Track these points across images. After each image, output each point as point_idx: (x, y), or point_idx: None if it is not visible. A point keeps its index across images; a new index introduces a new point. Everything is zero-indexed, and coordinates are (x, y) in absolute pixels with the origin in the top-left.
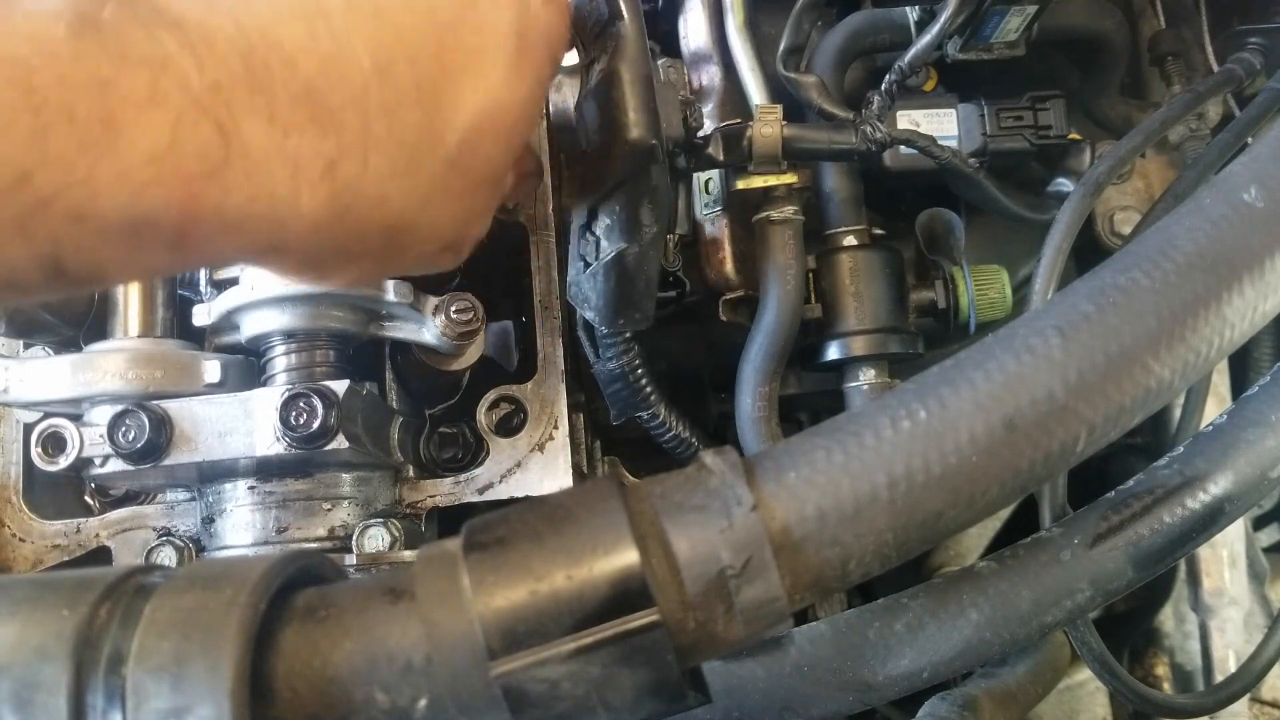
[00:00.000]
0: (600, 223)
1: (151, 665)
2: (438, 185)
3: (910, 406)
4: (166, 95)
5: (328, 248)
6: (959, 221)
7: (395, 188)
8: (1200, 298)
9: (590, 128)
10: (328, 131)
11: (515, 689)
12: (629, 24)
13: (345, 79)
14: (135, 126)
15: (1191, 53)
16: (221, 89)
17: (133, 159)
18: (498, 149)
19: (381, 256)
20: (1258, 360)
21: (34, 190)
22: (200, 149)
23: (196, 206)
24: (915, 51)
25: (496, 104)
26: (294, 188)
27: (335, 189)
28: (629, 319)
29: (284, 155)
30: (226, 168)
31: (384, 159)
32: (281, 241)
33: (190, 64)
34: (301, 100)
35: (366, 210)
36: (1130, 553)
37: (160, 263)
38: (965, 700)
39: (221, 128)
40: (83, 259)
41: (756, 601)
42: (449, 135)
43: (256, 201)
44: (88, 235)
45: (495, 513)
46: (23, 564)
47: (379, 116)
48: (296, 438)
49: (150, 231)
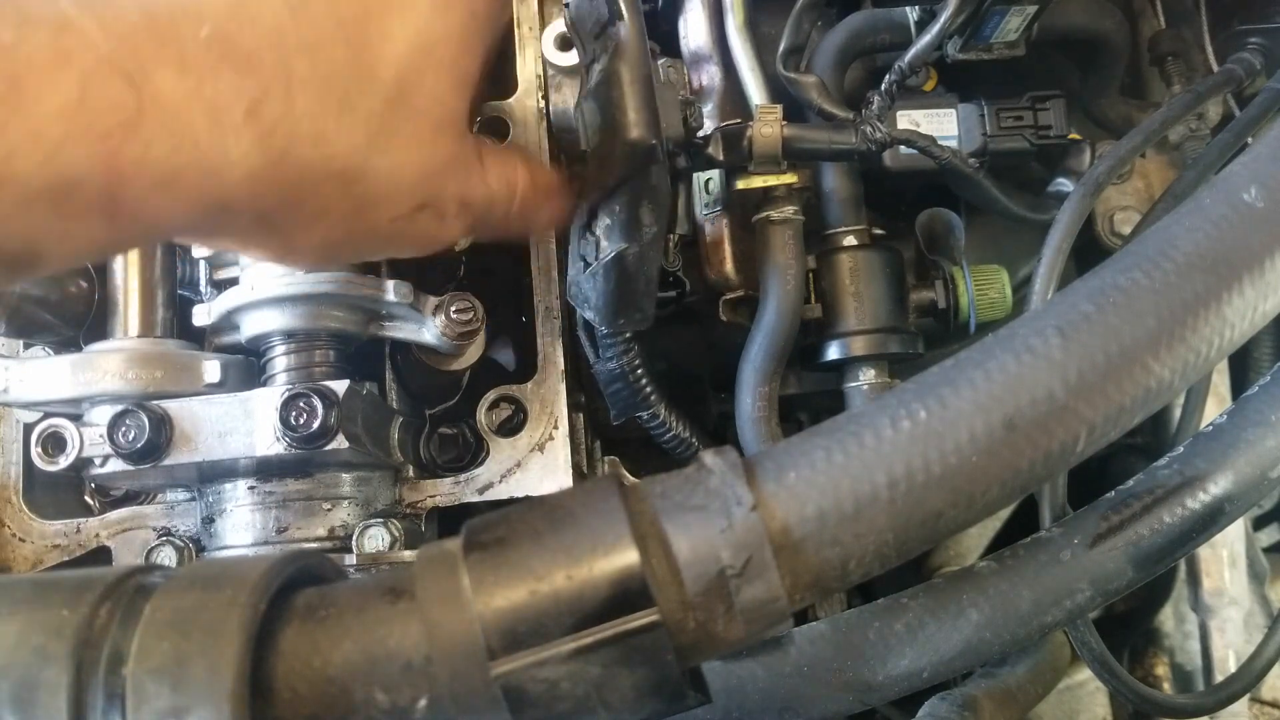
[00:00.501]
0: (600, 223)
1: (151, 665)
2: (382, 124)
3: (910, 406)
4: (70, 53)
5: (276, 200)
6: (959, 221)
7: (332, 126)
8: (1200, 298)
9: (590, 128)
10: (244, 74)
11: (515, 689)
12: (629, 24)
13: (256, 20)
14: (42, 86)
15: (1191, 53)
16: (126, 42)
17: (42, 116)
18: (441, 83)
19: (348, 212)
20: (1258, 360)
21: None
22: (111, 103)
23: (118, 162)
24: (915, 51)
25: (429, 35)
26: (217, 133)
27: (262, 130)
28: (629, 319)
29: (201, 101)
30: (142, 119)
31: (311, 97)
32: (223, 196)
33: (92, 23)
34: (212, 46)
35: (305, 152)
36: (1130, 553)
37: (97, 233)
38: (965, 700)
39: (131, 80)
40: (11, 231)
41: (756, 601)
42: (382, 70)
43: (180, 151)
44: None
45: (495, 513)
46: (23, 564)
47: (299, 54)
48: (296, 438)
49: (76, 194)
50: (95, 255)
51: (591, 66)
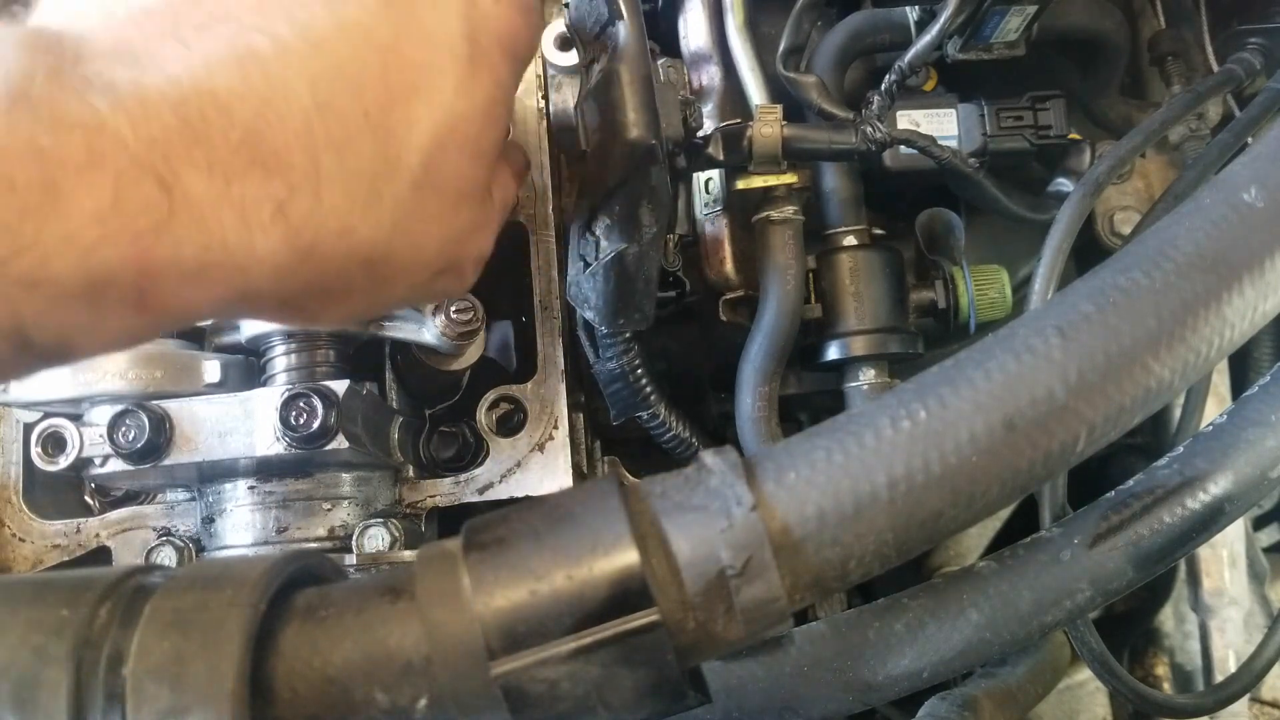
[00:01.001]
0: (600, 223)
1: (151, 665)
2: (408, 209)
3: (910, 406)
4: (104, 156)
5: (300, 288)
6: (959, 221)
7: (359, 219)
8: (1200, 298)
9: (590, 128)
10: (272, 173)
11: (515, 689)
12: (629, 24)
13: (285, 118)
14: (76, 189)
15: (1191, 53)
16: (158, 144)
17: (77, 220)
18: (465, 161)
19: (369, 290)
20: (1258, 360)
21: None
22: (144, 205)
23: (149, 261)
24: (915, 51)
25: (454, 115)
26: (245, 232)
27: (290, 229)
28: (629, 319)
29: (229, 202)
30: (173, 220)
31: (339, 192)
32: (248, 288)
33: (124, 124)
34: (241, 146)
35: (332, 245)
36: (1130, 553)
37: (127, 325)
38: (965, 700)
39: (162, 182)
40: (46, 327)
41: (756, 601)
42: (408, 157)
43: (210, 250)
44: (46, 302)
45: (495, 513)
46: (23, 564)
47: (327, 151)
48: (296, 438)
49: (109, 292)
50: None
51: (591, 66)
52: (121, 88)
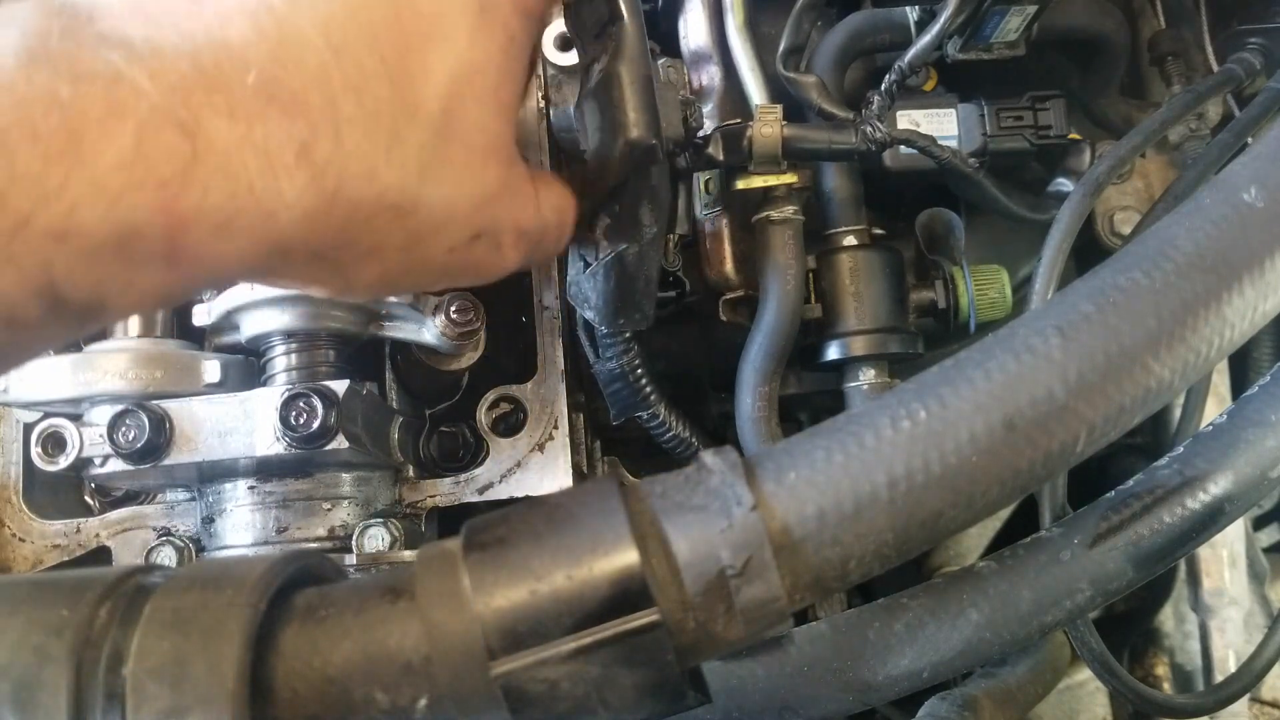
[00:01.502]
0: (600, 223)
1: (151, 665)
2: (431, 155)
3: (910, 406)
4: (124, 105)
5: (332, 238)
6: (959, 221)
7: (383, 162)
8: (1200, 298)
9: (590, 128)
10: (293, 115)
11: (515, 689)
12: (629, 24)
13: (300, 63)
14: (99, 138)
15: (1191, 53)
16: (177, 92)
17: (102, 168)
18: (486, 112)
19: (403, 245)
20: (1258, 360)
21: (10, 211)
22: (167, 151)
23: (177, 208)
24: (915, 51)
25: (469, 65)
26: (271, 176)
27: (314, 170)
28: (629, 319)
29: (252, 145)
30: (197, 165)
31: (360, 134)
32: (280, 238)
33: (142, 74)
34: (259, 89)
35: (357, 188)
36: (1130, 553)
37: (160, 279)
38: (965, 700)
39: (184, 127)
40: (77, 282)
41: (756, 601)
42: (426, 102)
43: (237, 196)
44: (75, 254)
45: (495, 513)
46: (23, 564)
47: (345, 93)
48: (296, 438)
49: (138, 243)
50: (157, 303)
51: (591, 66)
52: (137, 43)
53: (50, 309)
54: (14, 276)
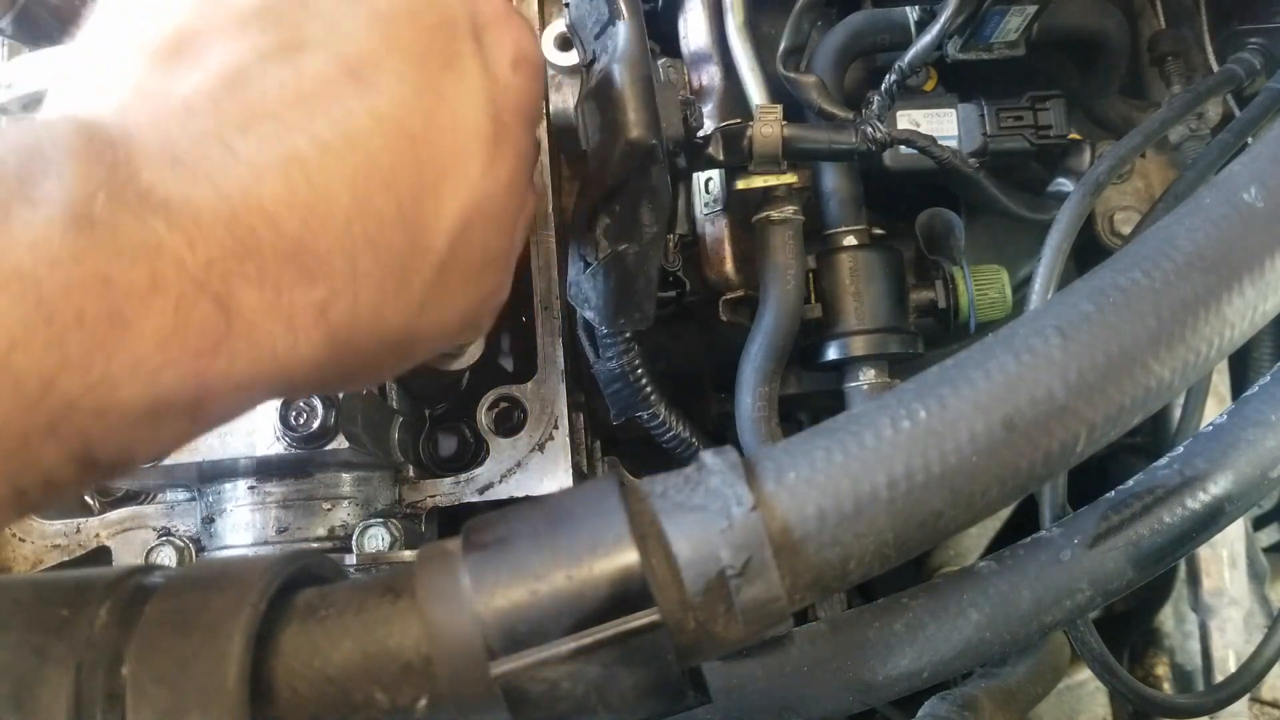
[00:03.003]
0: (600, 222)
1: (151, 665)
2: (433, 290)
3: (910, 406)
4: (164, 281)
5: (334, 377)
6: (959, 221)
7: (390, 309)
8: (1200, 298)
9: (590, 128)
10: (316, 280)
11: (515, 689)
12: (629, 24)
13: (328, 223)
14: (141, 317)
15: (1191, 53)
16: (214, 264)
17: (142, 348)
18: (490, 235)
19: (393, 366)
20: (1258, 360)
21: (59, 395)
22: (202, 325)
23: (206, 379)
24: (915, 51)
25: (480, 195)
26: (291, 340)
27: (330, 329)
28: (629, 319)
29: (278, 313)
30: (229, 337)
31: (374, 288)
32: (289, 386)
33: (182, 244)
34: (289, 257)
35: (365, 338)
36: (1130, 553)
37: (181, 434)
38: (965, 700)
39: (219, 301)
40: (111, 448)
41: (756, 601)
42: (435, 242)
43: (259, 361)
44: (113, 426)
45: (495, 513)
46: (23, 564)
47: (364, 250)
48: (296, 437)
49: (169, 411)
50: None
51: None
52: (176, 206)
53: (84, 470)
54: (56, 449)
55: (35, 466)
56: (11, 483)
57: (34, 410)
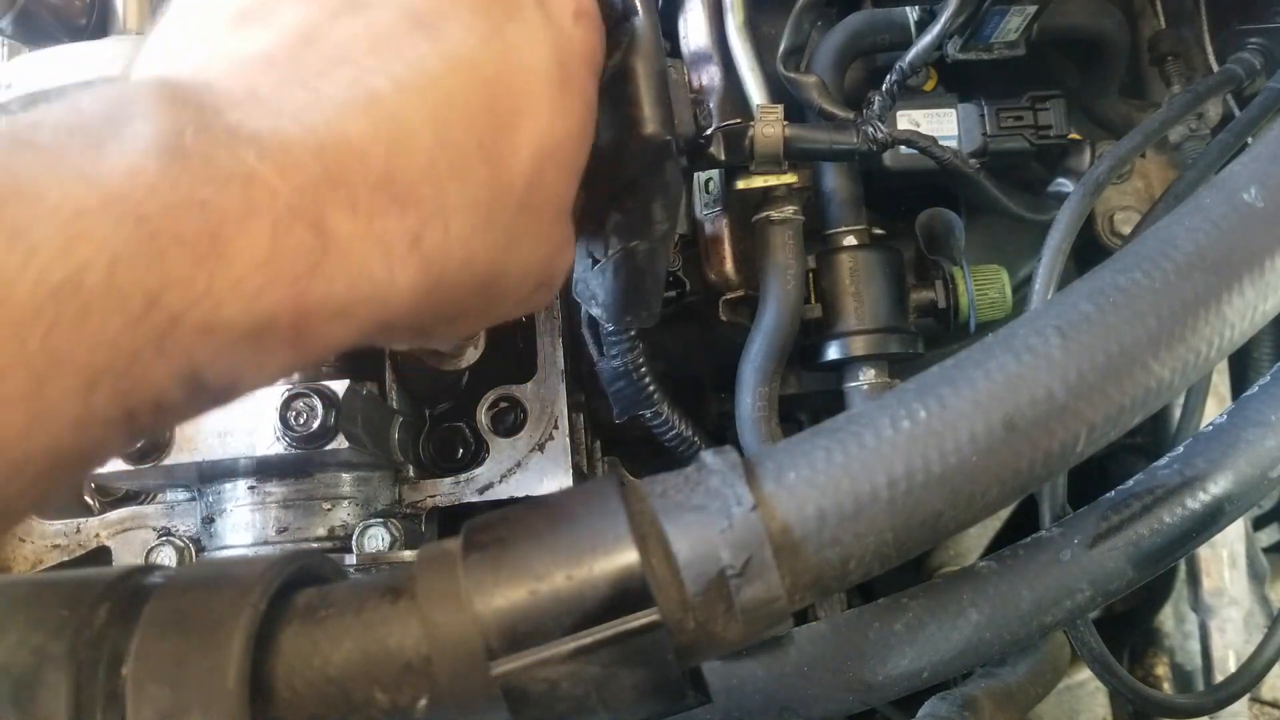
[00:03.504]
0: (611, 218)
1: (151, 665)
2: (515, 230)
3: (910, 406)
4: (259, 205)
5: (429, 315)
6: (959, 221)
7: (479, 244)
8: (1200, 298)
9: (603, 123)
10: (407, 208)
11: (515, 689)
12: (643, 19)
13: (413, 156)
14: (238, 238)
15: (1191, 53)
16: (305, 191)
17: (242, 268)
18: (562, 180)
19: (482, 310)
20: (1258, 360)
21: (164, 311)
22: (299, 249)
23: (305, 301)
24: (915, 51)
25: (552, 139)
26: (387, 266)
27: (424, 260)
28: (636, 316)
29: (372, 239)
30: (325, 261)
31: (462, 221)
32: (387, 318)
33: (274, 173)
34: (378, 186)
35: (457, 273)
36: (1130, 553)
37: (285, 360)
38: (965, 700)
39: (314, 226)
40: (218, 369)
41: (756, 601)
42: (516, 181)
43: (357, 287)
44: (218, 346)
45: (495, 513)
46: (23, 564)
47: (450, 182)
48: (296, 438)
49: (271, 333)
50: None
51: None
52: (265, 138)
53: (192, 393)
54: (165, 368)
55: (146, 385)
56: (123, 403)
57: (140, 325)
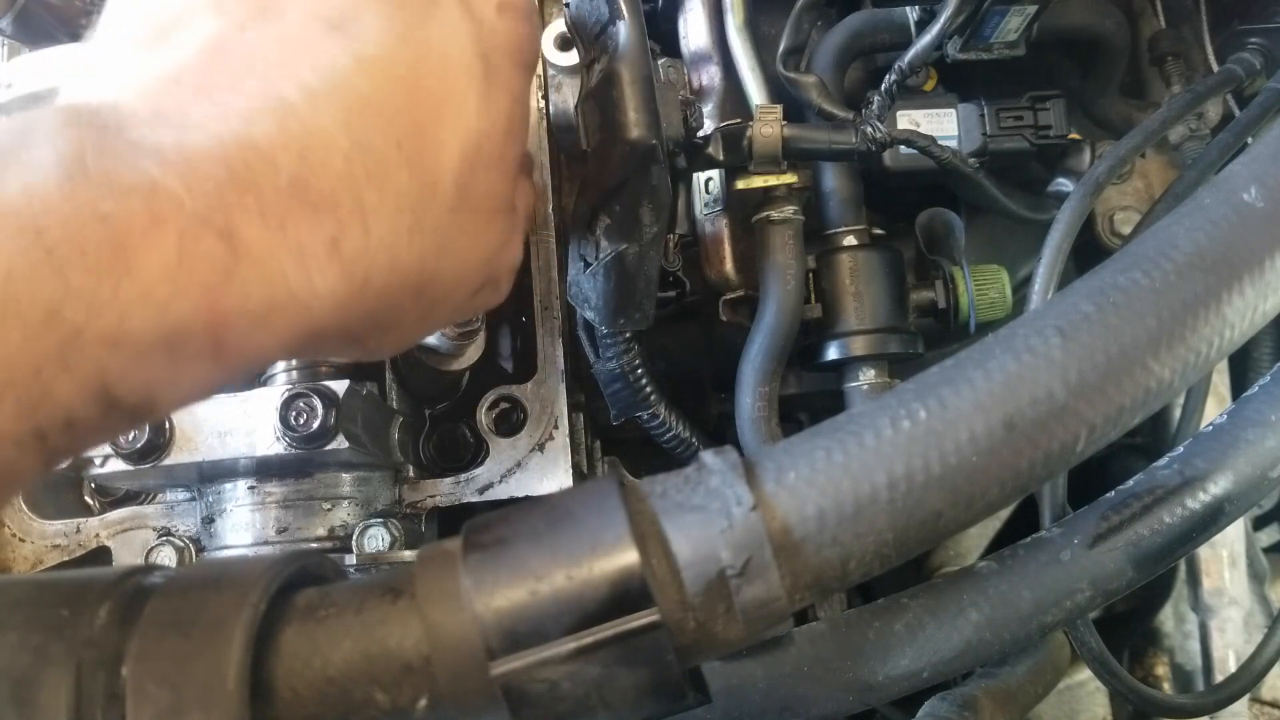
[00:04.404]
0: (600, 222)
1: (151, 665)
2: (448, 232)
3: (910, 406)
4: (163, 215)
5: (360, 321)
6: (959, 221)
7: (404, 246)
8: (1200, 298)
9: (590, 128)
10: (322, 213)
11: (515, 689)
12: (629, 24)
13: (325, 159)
14: (143, 249)
15: (1191, 53)
16: (212, 199)
17: (149, 278)
18: (494, 177)
19: (420, 315)
20: (1258, 360)
21: (66, 323)
22: (208, 258)
23: (220, 311)
24: (915, 51)
25: (478, 134)
26: (305, 273)
27: (344, 264)
28: (629, 319)
29: (286, 246)
30: (238, 269)
31: (385, 224)
32: (313, 326)
33: (178, 183)
34: (289, 191)
35: (384, 276)
36: (1130, 553)
37: (204, 376)
38: (965, 700)
39: (222, 234)
40: (131, 384)
41: (756, 601)
42: (442, 181)
43: (274, 295)
44: (128, 359)
45: (495, 513)
46: (23, 564)
47: (368, 185)
48: (296, 438)
49: (185, 344)
50: (203, 395)
51: (591, 66)
52: (168, 150)
53: (105, 410)
54: (71, 383)
55: (53, 402)
56: (30, 420)
57: (41, 338)
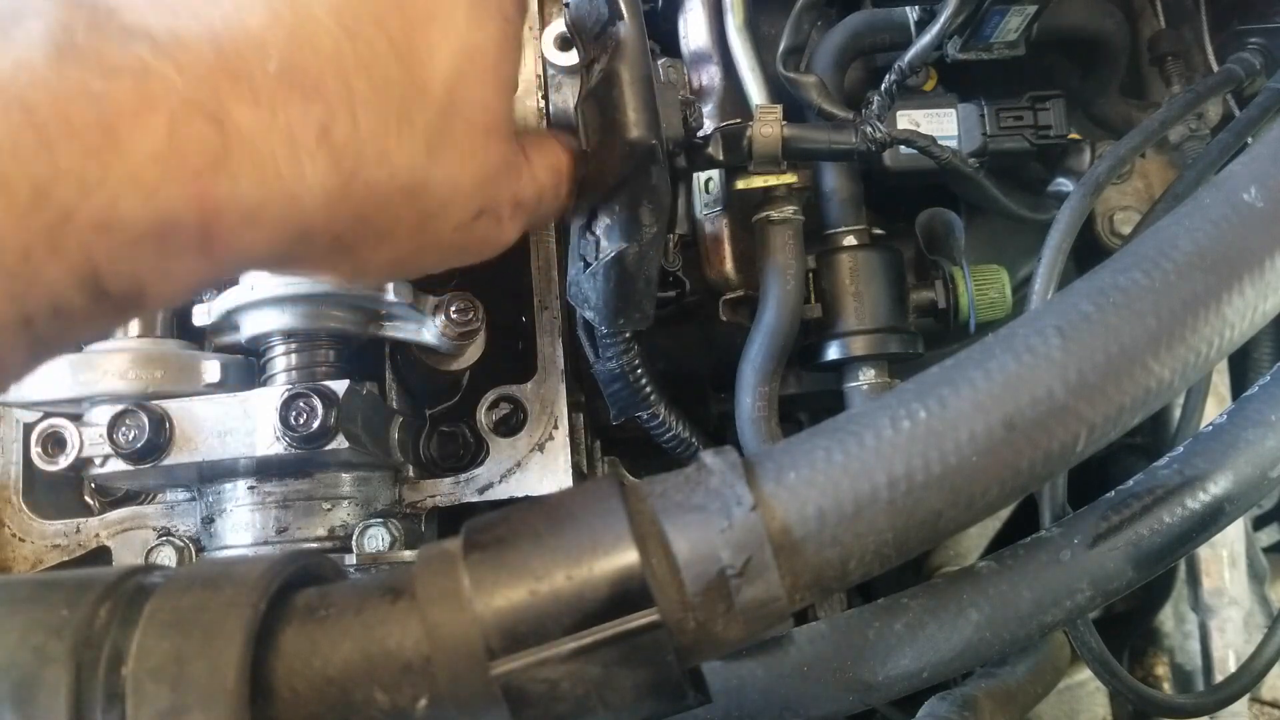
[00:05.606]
0: (600, 223)
1: (151, 665)
2: (438, 136)
3: (910, 406)
4: (154, 98)
5: (349, 221)
6: (959, 221)
7: (394, 143)
8: (1200, 298)
9: (590, 128)
10: (312, 99)
11: (515, 689)
12: (629, 24)
13: (316, 47)
14: (133, 130)
15: (1191, 53)
16: (203, 83)
17: (138, 160)
18: (486, 90)
19: (413, 226)
20: (1258, 360)
21: (54, 203)
22: (199, 142)
23: (210, 198)
24: (915, 51)
25: (470, 45)
26: (295, 160)
27: (334, 152)
28: (629, 319)
29: (277, 130)
30: (228, 155)
31: (374, 115)
32: (303, 222)
33: (170, 66)
34: (280, 75)
35: (372, 170)
36: (1130, 553)
37: (194, 268)
38: (965, 700)
39: (214, 118)
40: (119, 271)
41: (756, 601)
42: (433, 83)
43: (265, 183)
44: (117, 244)
45: (495, 513)
46: (23, 564)
47: (358, 75)
48: (296, 438)
49: (175, 233)
50: (192, 291)
51: (591, 66)
52: (160, 35)
53: (93, 298)
54: (60, 267)
55: (40, 286)
56: (17, 307)
57: (30, 218)
